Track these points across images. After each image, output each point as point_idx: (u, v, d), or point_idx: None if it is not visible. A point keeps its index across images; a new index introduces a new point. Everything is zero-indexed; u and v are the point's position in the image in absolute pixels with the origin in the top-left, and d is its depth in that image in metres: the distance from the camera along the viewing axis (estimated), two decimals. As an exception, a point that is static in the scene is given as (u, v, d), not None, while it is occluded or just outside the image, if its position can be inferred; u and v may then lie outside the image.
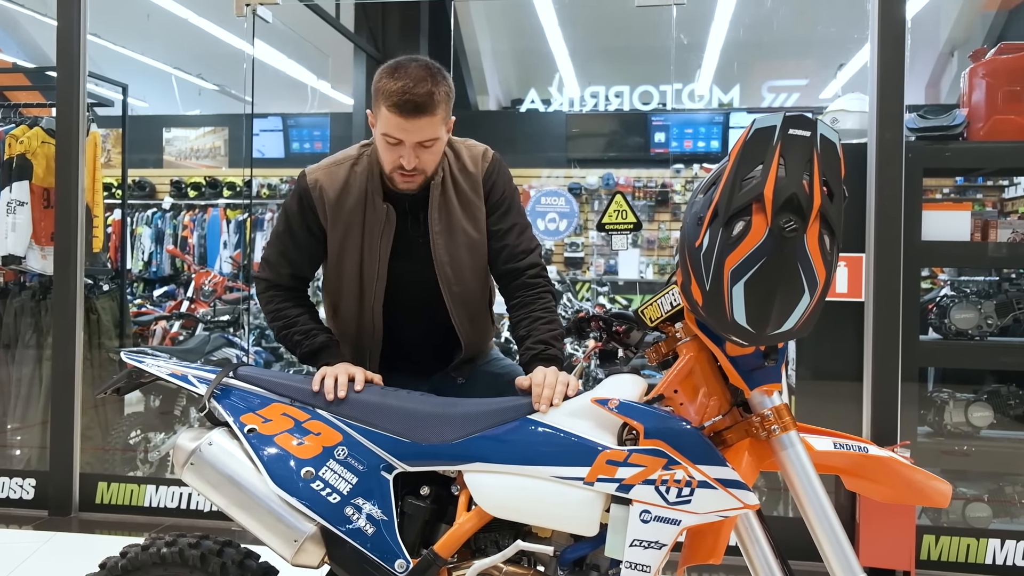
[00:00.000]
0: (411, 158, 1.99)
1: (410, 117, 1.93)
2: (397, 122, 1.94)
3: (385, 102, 1.94)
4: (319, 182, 2.12)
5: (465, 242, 2.14)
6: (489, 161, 2.20)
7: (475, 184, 2.16)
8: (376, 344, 2.20)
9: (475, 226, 2.15)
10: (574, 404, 1.77)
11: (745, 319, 1.53)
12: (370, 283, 2.14)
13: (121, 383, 2.06)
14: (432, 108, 1.94)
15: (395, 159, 2.00)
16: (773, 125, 1.50)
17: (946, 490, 1.72)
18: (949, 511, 3.96)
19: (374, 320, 2.17)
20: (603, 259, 8.62)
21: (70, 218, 4.32)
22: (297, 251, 2.17)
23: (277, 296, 2.19)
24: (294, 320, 2.16)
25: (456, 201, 2.14)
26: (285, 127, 10.73)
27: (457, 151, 2.18)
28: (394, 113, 1.93)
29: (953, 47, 8.98)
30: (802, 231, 1.48)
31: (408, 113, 1.92)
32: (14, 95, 5.90)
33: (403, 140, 1.96)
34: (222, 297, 6.53)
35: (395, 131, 1.95)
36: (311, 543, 1.80)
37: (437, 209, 2.12)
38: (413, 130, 1.95)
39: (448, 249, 2.12)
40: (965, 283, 4.12)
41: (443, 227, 2.12)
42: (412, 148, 1.98)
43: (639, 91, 10.54)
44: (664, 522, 1.62)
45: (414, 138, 1.96)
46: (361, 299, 2.17)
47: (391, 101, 1.93)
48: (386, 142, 1.99)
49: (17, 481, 4.39)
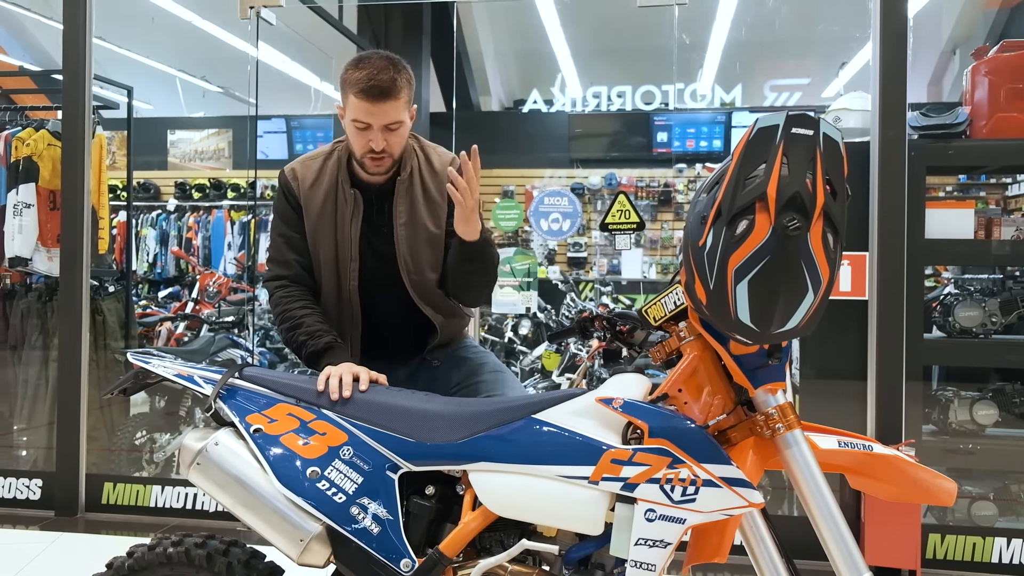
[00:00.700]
0: (379, 140, 2.15)
1: (376, 101, 2.10)
2: (365, 107, 2.11)
3: (352, 89, 2.12)
4: (295, 171, 2.32)
5: (425, 236, 2.30)
6: (455, 165, 2.31)
7: (440, 185, 2.32)
8: (356, 327, 2.32)
9: (435, 223, 2.32)
10: (578, 403, 1.77)
11: (749, 318, 1.53)
12: (345, 265, 2.28)
13: (128, 384, 2.08)
14: (395, 93, 2.12)
15: (365, 143, 2.16)
16: (776, 124, 1.50)
17: (951, 488, 1.72)
18: (954, 510, 3.96)
19: (352, 302, 2.30)
20: (606, 259, 8.62)
21: (76, 220, 4.34)
22: (300, 236, 2.29)
23: (286, 297, 2.25)
24: (300, 321, 2.20)
25: (421, 197, 2.31)
26: (289, 129, 10.72)
27: (427, 153, 2.35)
28: (362, 99, 2.10)
29: (955, 45, 8.96)
30: (805, 230, 1.48)
31: (374, 98, 2.10)
32: (20, 98, 5.94)
33: (371, 124, 2.13)
34: (226, 298, 6.55)
35: (363, 116, 2.12)
36: (317, 543, 1.80)
37: (402, 202, 2.29)
38: (379, 114, 2.12)
39: (409, 241, 2.28)
40: (969, 281, 4.12)
41: (406, 220, 2.28)
42: (380, 131, 2.14)
43: (641, 91, 10.53)
44: (669, 521, 1.62)
45: (381, 121, 2.13)
46: (338, 283, 2.29)
47: (358, 88, 2.10)
48: (356, 128, 2.16)
49: (24, 481, 4.41)
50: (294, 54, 9.91)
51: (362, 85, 2.09)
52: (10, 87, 6.65)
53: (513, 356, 6.24)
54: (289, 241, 2.30)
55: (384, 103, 2.11)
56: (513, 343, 6.40)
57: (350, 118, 2.16)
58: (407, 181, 2.29)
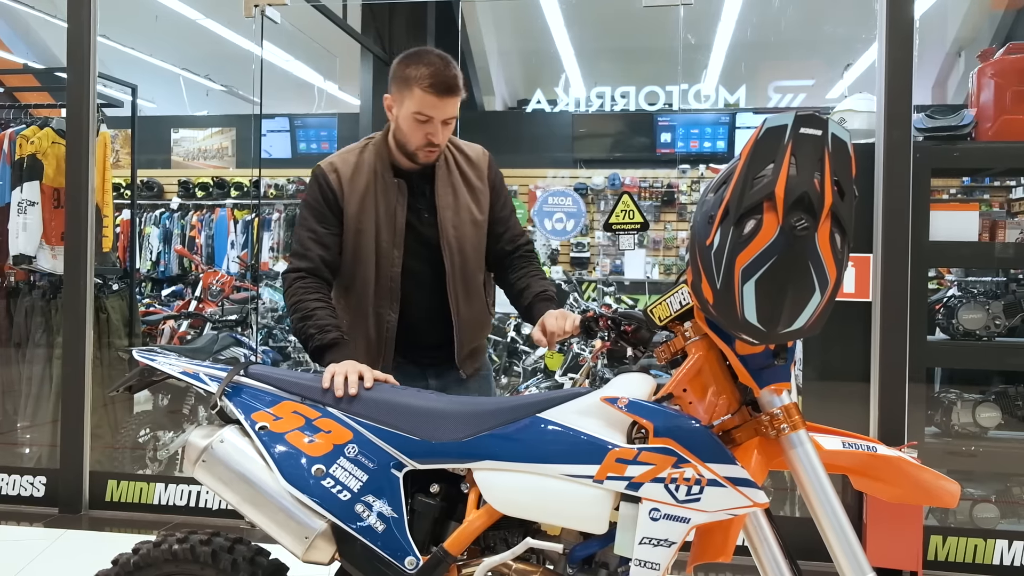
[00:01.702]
0: (440, 134, 2.24)
1: (443, 96, 2.20)
2: (431, 101, 2.20)
3: (419, 84, 2.19)
4: (333, 164, 2.36)
5: (470, 219, 2.39)
6: (488, 156, 2.50)
7: (480, 173, 2.44)
8: (394, 314, 2.36)
9: (479, 208, 2.42)
10: (583, 403, 1.78)
11: (756, 317, 1.53)
12: (388, 250, 2.32)
13: (133, 381, 2.08)
14: (458, 89, 2.24)
15: (423, 136, 2.24)
16: (784, 124, 1.50)
17: (955, 490, 1.72)
18: (956, 512, 3.96)
19: (392, 289, 2.34)
20: (609, 259, 8.62)
21: (80, 218, 4.35)
22: (327, 233, 2.32)
23: (303, 287, 2.26)
24: (311, 313, 2.21)
25: (461, 182, 2.41)
26: (292, 127, 10.75)
27: (456, 143, 2.46)
28: (429, 93, 2.19)
29: (961, 47, 8.96)
30: (813, 230, 1.48)
31: (442, 93, 2.20)
32: (24, 96, 5.94)
33: (433, 117, 2.21)
34: (230, 297, 6.55)
35: (428, 109, 2.20)
36: (322, 540, 1.81)
37: (444, 186, 2.37)
38: (444, 108, 2.22)
39: (454, 222, 2.37)
40: (973, 283, 4.11)
41: (449, 202, 2.37)
42: (439, 125, 2.23)
43: (645, 91, 10.53)
44: (673, 520, 1.63)
45: (443, 115, 2.23)
46: (378, 269, 2.33)
47: (427, 83, 2.18)
48: (416, 120, 2.23)
49: (28, 479, 4.41)
50: (298, 53, 9.92)
51: (431, 80, 2.18)
52: (14, 85, 6.66)
53: (516, 356, 6.24)
54: (316, 236, 2.32)
55: (449, 98, 2.22)
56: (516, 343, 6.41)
57: (412, 111, 2.22)
58: (444, 167, 2.38)
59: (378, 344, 2.39)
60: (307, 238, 2.32)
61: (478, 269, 2.45)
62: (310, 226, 2.33)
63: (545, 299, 2.33)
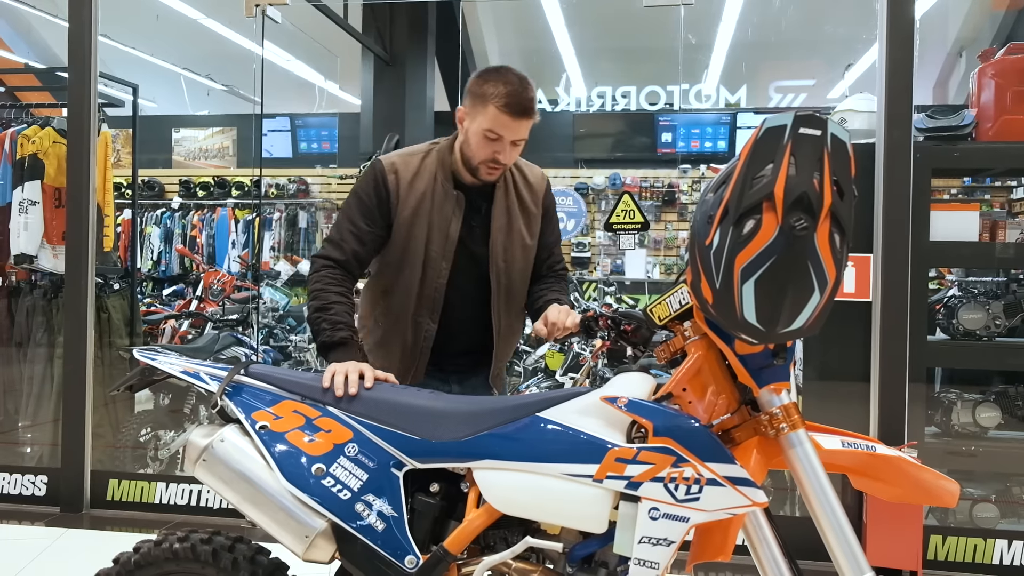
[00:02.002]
0: (508, 154, 2.23)
1: (518, 118, 2.18)
2: (505, 120, 2.17)
3: (496, 102, 2.17)
4: (395, 165, 2.33)
5: (520, 243, 2.40)
6: (546, 182, 2.51)
7: (536, 198, 2.44)
8: (433, 324, 2.35)
9: (530, 233, 2.42)
10: (583, 402, 1.78)
11: (755, 317, 1.53)
12: (436, 261, 2.31)
13: (134, 380, 2.08)
14: (533, 112, 2.21)
15: (490, 153, 2.22)
16: (784, 124, 1.50)
17: (954, 490, 1.72)
18: (956, 511, 3.96)
19: (435, 299, 2.33)
20: (610, 259, 8.62)
21: (81, 217, 4.35)
22: (369, 231, 2.30)
23: (328, 277, 2.25)
24: (330, 305, 2.20)
25: (517, 207, 2.40)
26: (293, 127, 10.76)
27: (520, 167, 2.44)
28: (504, 112, 2.17)
29: (961, 47, 8.96)
30: (812, 229, 1.49)
31: (517, 114, 2.17)
32: (26, 95, 5.95)
33: (503, 136, 2.19)
34: (231, 296, 6.56)
35: (500, 128, 2.18)
36: (322, 539, 1.81)
37: (500, 207, 2.37)
38: (516, 129, 2.20)
39: (505, 245, 2.37)
40: (973, 283, 4.11)
41: (503, 224, 2.36)
42: (508, 144, 2.21)
43: (646, 91, 10.54)
44: (673, 519, 1.63)
45: (514, 136, 2.21)
46: (424, 278, 2.32)
47: (503, 101, 2.16)
48: (486, 137, 2.21)
49: (29, 478, 4.42)
50: (299, 53, 9.93)
51: (508, 100, 2.16)
52: (15, 84, 6.66)
53: (517, 355, 6.24)
54: (356, 231, 2.30)
55: (523, 120, 2.19)
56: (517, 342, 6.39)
57: (483, 127, 2.20)
58: (503, 188, 2.37)
59: (413, 352, 2.38)
60: (347, 230, 2.30)
61: (522, 291, 2.46)
62: (353, 219, 2.30)
63: (553, 302, 2.33)
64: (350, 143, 10.04)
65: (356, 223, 2.30)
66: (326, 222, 8.49)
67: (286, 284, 7.46)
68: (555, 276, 2.52)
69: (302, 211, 8.56)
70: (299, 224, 8.59)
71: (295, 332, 6.83)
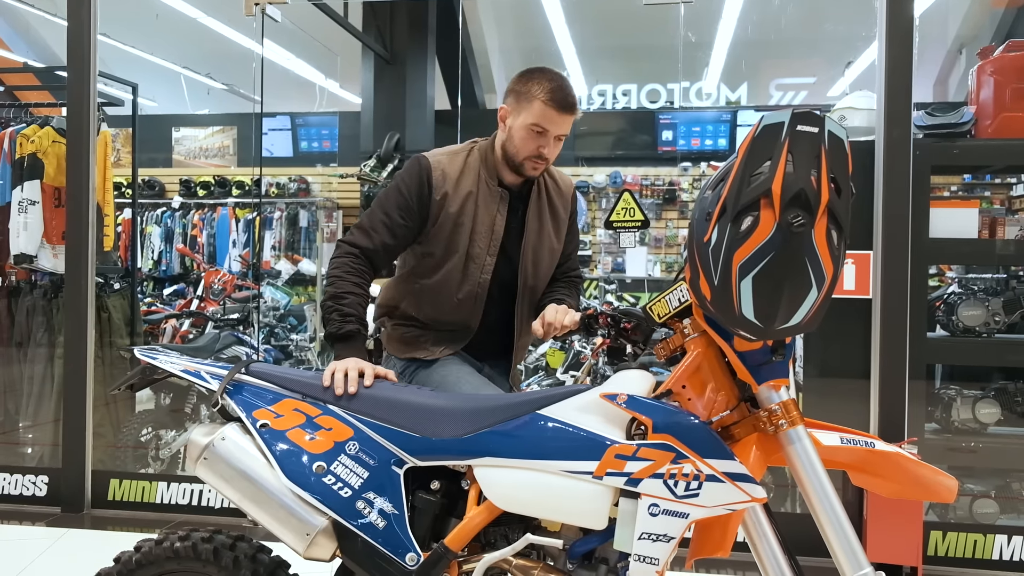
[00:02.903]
0: (552, 148, 2.30)
1: (563, 112, 2.26)
2: (551, 115, 2.25)
3: (542, 97, 2.25)
4: (441, 163, 2.35)
5: (548, 246, 2.45)
6: (575, 190, 2.60)
7: (565, 203, 2.52)
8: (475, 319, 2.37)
9: (558, 237, 2.48)
10: (583, 399, 1.78)
11: (753, 313, 1.54)
12: (481, 258, 2.33)
13: (135, 379, 2.09)
14: (576, 109, 2.29)
15: (535, 147, 2.29)
16: (781, 121, 1.51)
17: (952, 485, 1.72)
18: (956, 507, 3.97)
19: (479, 296, 2.35)
20: (610, 257, 8.62)
21: (81, 217, 4.35)
22: (403, 225, 2.30)
23: (350, 265, 2.24)
24: (344, 295, 2.20)
25: (548, 211, 2.46)
26: (294, 126, 10.76)
27: (551, 174, 2.52)
28: (551, 107, 2.24)
29: (961, 44, 8.95)
30: (810, 226, 1.49)
31: (564, 108, 2.26)
32: (25, 95, 5.95)
33: (548, 130, 2.27)
34: (231, 295, 6.56)
35: (546, 122, 2.25)
36: (323, 537, 1.82)
37: (534, 209, 2.42)
38: (561, 124, 2.28)
39: (534, 246, 2.41)
40: (972, 280, 4.12)
41: (535, 227, 2.42)
42: (552, 138, 2.28)
43: (646, 89, 10.53)
44: (672, 515, 1.63)
45: (559, 130, 2.28)
46: (465, 275, 2.33)
47: (550, 96, 2.24)
48: (532, 132, 2.27)
49: (30, 478, 4.43)
50: (299, 51, 9.92)
51: (556, 95, 2.24)
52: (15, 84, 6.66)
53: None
54: (390, 223, 2.29)
55: (569, 116, 2.27)
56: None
57: (528, 122, 2.26)
58: (537, 192, 2.43)
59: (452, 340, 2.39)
60: (380, 221, 2.29)
61: (542, 291, 2.50)
62: (388, 210, 2.30)
63: (556, 301, 2.34)
64: (351, 142, 10.03)
65: (391, 215, 2.29)
66: (327, 221, 8.49)
67: (287, 283, 7.47)
68: (567, 281, 2.56)
69: (303, 210, 8.56)
70: (300, 223, 8.59)
71: (296, 331, 6.84)
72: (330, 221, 8.46)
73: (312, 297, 7.42)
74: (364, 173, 7.24)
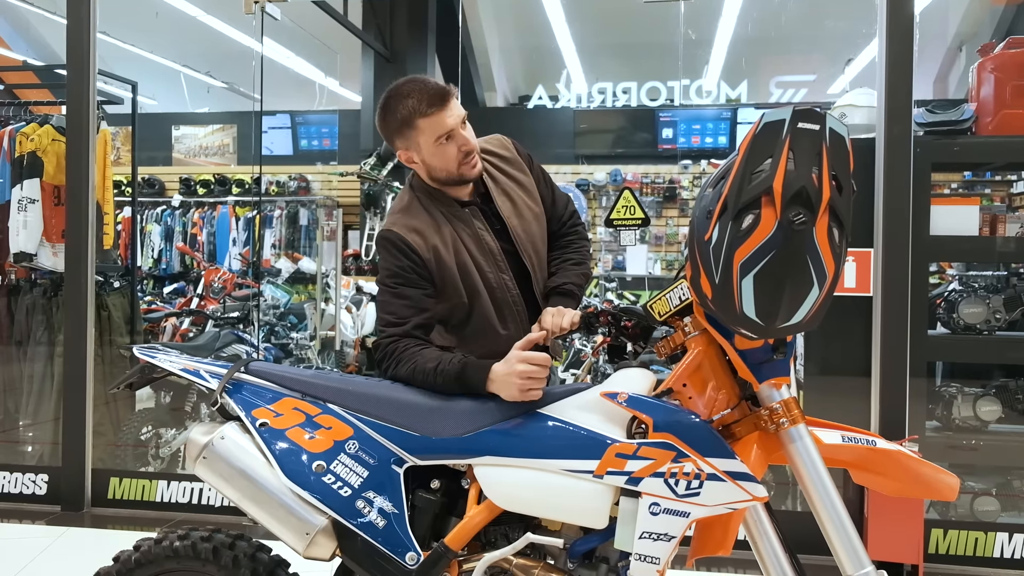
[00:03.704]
0: (464, 139, 2.15)
1: (441, 105, 2.11)
2: (437, 117, 2.11)
3: (418, 116, 2.11)
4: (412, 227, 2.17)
5: (532, 216, 2.32)
6: (512, 142, 2.40)
7: (518, 165, 2.36)
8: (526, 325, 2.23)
9: (533, 200, 2.34)
10: (583, 398, 1.78)
11: (754, 312, 1.53)
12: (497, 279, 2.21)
13: (134, 378, 2.09)
14: (447, 91, 2.14)
15: (455, 150, 2.15)
16: (782, 119, 1.50)
17: (954, 483, 1.72)
18: (957, 505, 3.96)
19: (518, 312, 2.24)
20: (611, 255, 8.62)
21: (81, 215, 4.35)
22: (424, 293, 2.13)
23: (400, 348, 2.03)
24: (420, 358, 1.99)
25: (511, 184, 2.33)
26: (294, 124, 10.76)
27: (486, 148, 2.35)
28: (432, 112, 2.11)
29: (961, 42, 8.94)
30: (811, 224, 1.49)
31: (439, 103, 2.11)
32: (24, 93, 5.94)
33: (452, 128, 2.13)
34: (231, 294, 6.56)
35: (439, 127, 2.12)
36: (323, 536, 1.81)
37: (499, 195, 2.29)
38: (448, 115, 2.12)
39: (522, 226, 2.29)
40: (973, 278, 4.11)
41: (510, 211, 2.29)
42: (460, 131, 2.14)
43: (647, 87, 10.52)
44: (673, 514, 1.63)
45: (455, 120, 2.13)
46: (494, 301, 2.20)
47: (421, 109, 2.11)
48: (441, 145, 2.14)
49: (30, 477, 4.42)
50: (299, 49, 9.91)
51: (423, 103, 2.10)
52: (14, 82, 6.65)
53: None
54: (411, 303, 2.10)
55: (448, 103, 2.13)
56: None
57: (430, 139, 2.13)
58: (490, 178, 2.30)
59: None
60: (401, 307, 2.09)
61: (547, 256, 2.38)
62: (400, 296, 2.10)
63: (560, 294, 2.26)
64: (351, 140, 10.02)
65: (405, 296, 2.10)
66: (327, 219, 8.49)
67: (287, 281, 7.46)
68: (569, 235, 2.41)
69: (303, 208, 8.56)
70: (300, 221, 8.59)
71: (296, 330, 6.83)
72: (330, 219, 8.45)
73: (312, 295, 7.41)
74: (364, 171, 7.23)
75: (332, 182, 8.90)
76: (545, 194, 2.38)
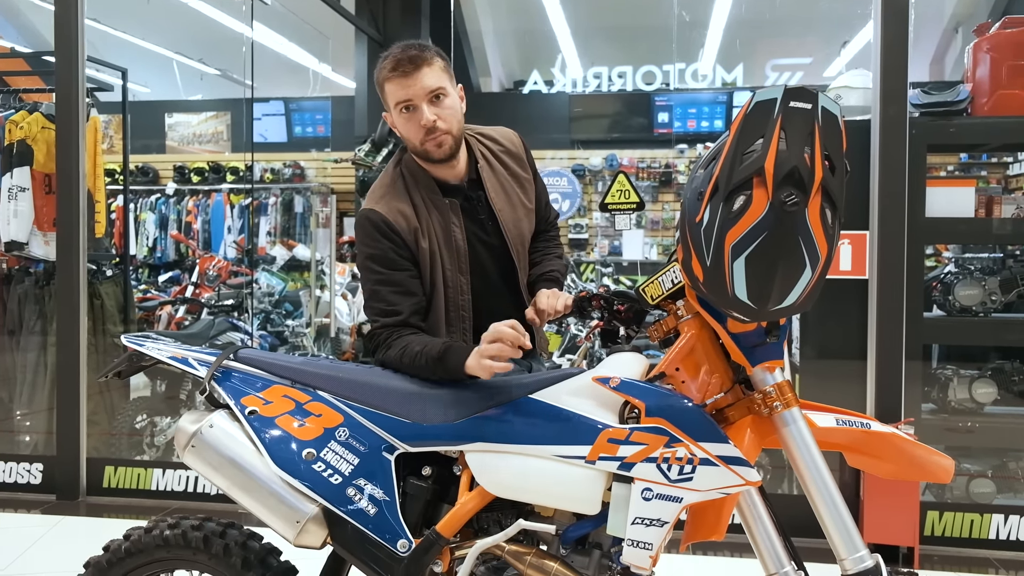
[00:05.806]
0: (426, 113, 2.03)
1: (409, 74, 2.01)
2: (401, 83, 2.02)
3: (386, 80, 2.04)
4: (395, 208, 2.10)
5: (524, 213, 2.27)
6: (521, 139, 2.35)
7: (520, 161, 2.30)
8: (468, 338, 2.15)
9: (527, 197, 2.29)
10: (575, 383, 1.76)
11: (746, 294, 1.51)
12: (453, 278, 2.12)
13: (122, 366, 2.07)
14: (426, 59, 2.03)
15: (417, 124, 2.05)
16: (774, 98, 1.48)
17: (949, 465, 1.71)
18: (953, 487, 3.97)
19: (463, 318, 2.14)
20: (607, 240, 8.60)
21: (72, 204, 4.32)
22: (409, 276, 2.07)
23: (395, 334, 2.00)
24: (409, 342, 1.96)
25: (508, 177, 2.26)
26: (287, 111, 10.71)
27: (491, 136, 2.29)
28: (397, 77, 2.02)
29: (957, 22, 8.90)
30: (803, 205, 1.46)
31: (407, 70, 2.01)
32: (13, 80, 5.89)
33: (412, 99, 2.03)
34: (226, 282, 6.55)
35: (401, 93, 2.03)
36: (313, 524, 1.80)
37: (493, 187, 2.22)
38: (415, 84, 2.01)
39: (514, 221, 2.24)
40: (969, 260, 4.10)
41: (503, 203, 2.22)
42: (425, 104, 2.03)
43: (642, 71, 10.46)
44: (666, 499, 1.62)
45: (420, 92, 2.02)
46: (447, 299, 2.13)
47: (389, 71, 2.03)
48: (403, 115, 2.06)
49: (25, 466, 4.42)
50: (291, 35, 9.85)
51: (392, 66, 2.01)
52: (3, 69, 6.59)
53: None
54: (399, 288, 2.04)
55: (416, 73, 2.00)
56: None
57: (391, 105, 2.06)
58: (488, 167, 2.22)
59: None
60: (389, 294, 2.03)
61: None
62: (385, 278, 2.04)
63: (547, 280, 2.25)
64: (345, 127, 9.98)
65: (394, 282, 2.04)
66: (322, 206, 8.46)
67: (282, 269, 7.45)
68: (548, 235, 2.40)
69: (298, 196, 8.53)
70: (295, 209, 8.56)
71: (292, 317, 6.82)
72: (325, 206, 8.43)
73: (307, 283, 7.40)
74: (358, 158, 7.18)
75: (326, 169, 8.86)
76: (540, 195, 2.36)
